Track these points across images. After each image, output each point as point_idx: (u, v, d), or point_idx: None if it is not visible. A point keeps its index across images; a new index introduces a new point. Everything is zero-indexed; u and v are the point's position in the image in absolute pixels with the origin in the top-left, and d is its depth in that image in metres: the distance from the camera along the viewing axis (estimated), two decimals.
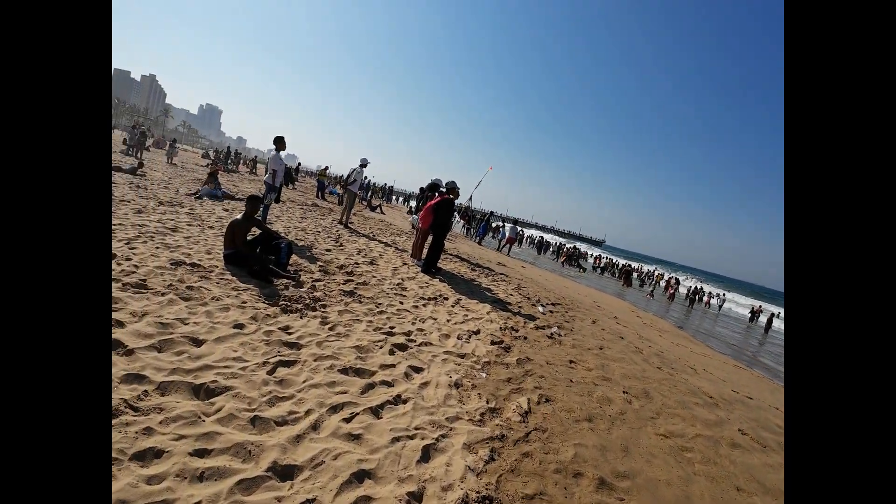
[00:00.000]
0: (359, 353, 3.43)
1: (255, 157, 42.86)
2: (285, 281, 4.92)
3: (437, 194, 7.60)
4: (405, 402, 2.84)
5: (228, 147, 32.97)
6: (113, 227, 5.70)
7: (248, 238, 5.48)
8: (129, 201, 7.81)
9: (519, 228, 24.34)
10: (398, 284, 6.03)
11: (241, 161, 39.03)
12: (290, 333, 3.54)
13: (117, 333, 2.87)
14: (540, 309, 6.75)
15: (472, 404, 3.02)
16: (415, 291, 5.87)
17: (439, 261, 8.13)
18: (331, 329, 3.81)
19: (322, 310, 4.26)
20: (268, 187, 8.31)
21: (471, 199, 22.71)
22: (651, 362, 5.63)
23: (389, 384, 3.03)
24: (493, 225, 25.48)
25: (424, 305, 5.32)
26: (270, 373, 2.86)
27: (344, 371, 3.07)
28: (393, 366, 3.33)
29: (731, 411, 4.63)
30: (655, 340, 7.57)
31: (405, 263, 7.77)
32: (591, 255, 37.96)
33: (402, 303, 5.18)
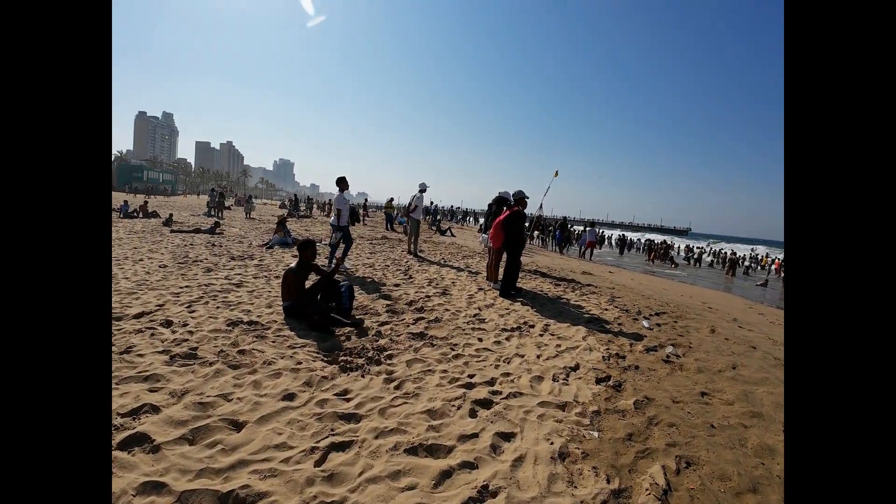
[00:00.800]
0: (431, 419, 2.75)
1: (329, 200, 44.66)
2: (348, 330, 4.39)
3: (504, 208, 6.85)
4: (495, 494, 2.09)
5: (295, 194, 34.44)
6: (179, 289, 5.56)
7: (308, 286, 5.07)
8: (201, 261, 7.85)
9: (598, 230, 22.73)
10: (475, 316, 5.32)
11: (315, 205, 40.71)
12: (348, 400, 2.94)
13: (146, 424, 2.42)
14: (644, 324, 5.71)
15: (587, 487, 2.20)
16: (494, 322, 5.12)
17: (518, 280, 7.33)
18: (397, 388, 3.17)
19: (388, 362, 3.65)
20: (333, 228, 8.06)
21: (541, 207, 21.69)
22: None
23: (472, 466, 2.30)
24: (573, 230, 24.16)
25: (508, 339, 4.55)
26: (319, 463, 2.25)
27: (412, 451, 2.39)
28: (476, 435, 2.59)
29: None
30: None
31: (481, 289, 7.05)
32: (679, 247, 34.69)
33: (480, 339, 4.45)
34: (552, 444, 2.56)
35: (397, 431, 2.58)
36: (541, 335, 4.78)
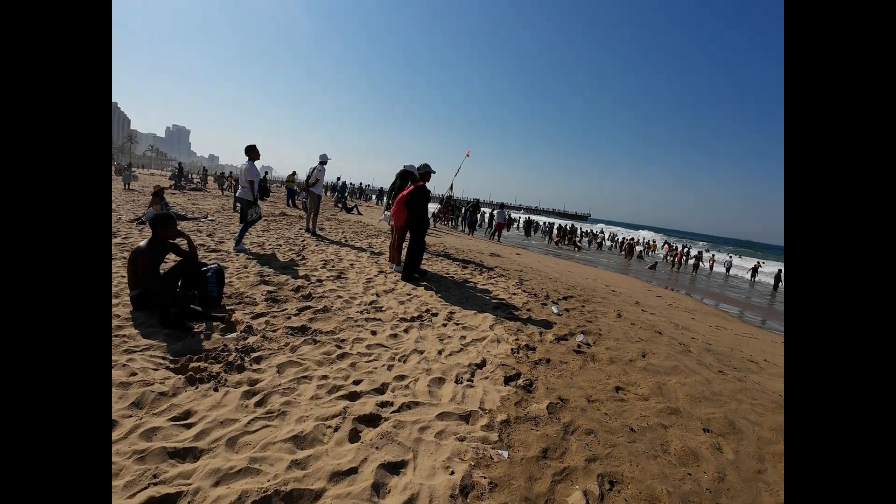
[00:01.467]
0: (297, 449, 2.09)
1: (226, 172, 40.86)
2: (216, 324, 3.54)
3: (409, 183, 6.20)
4: None
5: (180, 163, 30.75)
6: None
7: (164, 270, 4.09)
8: None
9: (507, 212, 22.93)
10: (371, 304, 4.66)
11: (210, 177, 37.00)
12: (187, 426, 2.19)
13: None
14: (554, 310, 5.44)
15: None
16: (393, 311, 4.51)
17: (423, 262, 6.78)
18: (259, 404, 2.45)
19: (253, 367, 2.89)
20: (245, 203, 6.91)
21: (451, 187, 21.42)
22: (707, 364, 4.36)
23: None
24: (483, 212, 24.18)
25: (406, 331, 3.97)
26: None
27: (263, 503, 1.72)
28: (354, 470, 1.97)
29: None
30: (692, 326, 6.31)
31: (381, 272, 6.38)
32: (581, 230, 36.53)
33: (374, 333, 3.82)
34: (452, 473, 2.02)
35: (247, 473, 1.89)
36: (444, 325, 4.26)
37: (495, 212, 21.18)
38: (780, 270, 22.15)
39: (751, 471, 2.54)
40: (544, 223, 37.75)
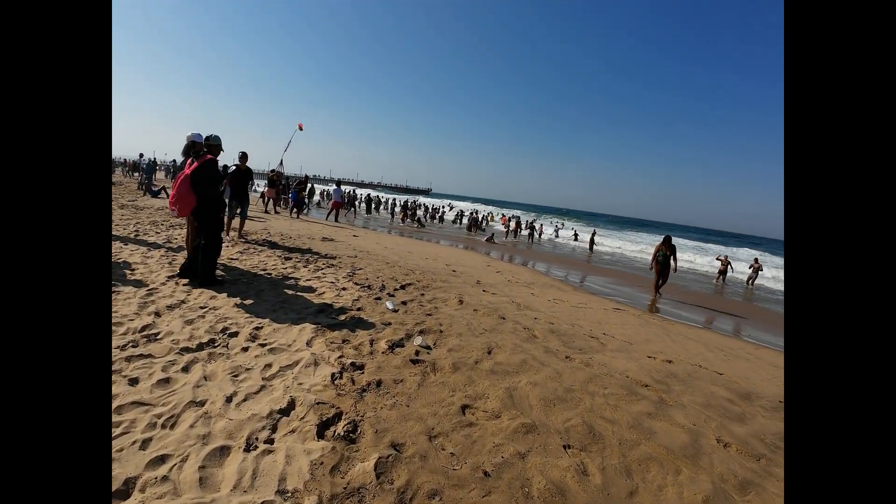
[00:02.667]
0: None
1: None
2: None
3: (194, 160, 4.74)
4: None
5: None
6: None
7: None
8: None
9: (345, 189, 21.61)
10: (143, 330, 3.32)
11: None
12: None
13: None
14: (389, 305, 4.70)
15: None
16: (174, 337, 3.27)
17: (240, 255, 5.47)
18: None
19: None
20: None
21: (281, 163, 19.34)
22: (554, 350, 4.08)
23: None
24: (318, 191, 22.36)
25: (187, 369, 2.83)
26: None
27: None
28: None
29: (676, 397, 3.27)
30: (533, 304, 6.18)
31: (172, 276, 4.90)
32: (423, 206, 36.70)
33: (135, 381, 2.61)
34: None
35: None
36: (245, 349, 3.22)
37: (333, 189, 19.78)
38: (594, 231, 25.04)
39: (623, 495, 2.13)
40: (385, 199, 37.19)
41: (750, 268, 17.18)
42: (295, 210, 16.64)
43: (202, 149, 4.90)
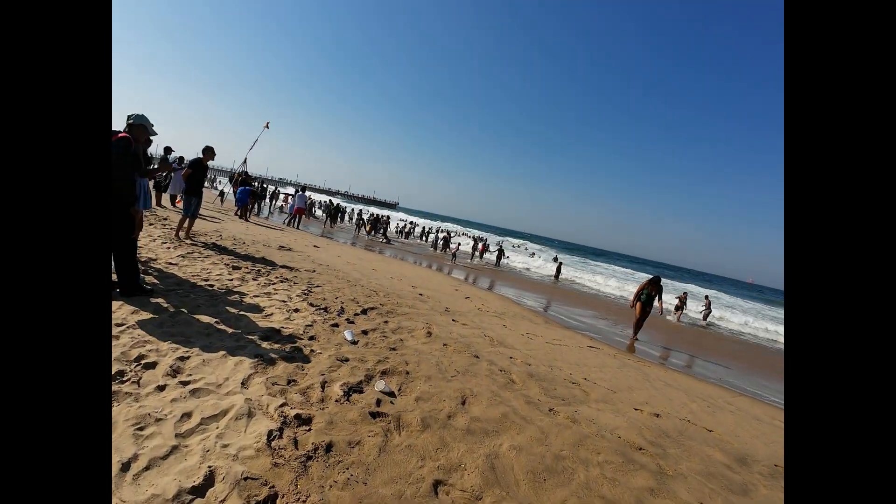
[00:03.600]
0: None
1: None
2: None
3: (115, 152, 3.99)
4: None
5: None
6: None
7: None
8: None
9: (309, 195, 20.70)
10: None
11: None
12: None
13: None
14: (347, 336, 4.07)
15: None
16: None
17: (180, 258, 4.70)
18: None
19: None
20: None
21: (245, 162, 18.37)
22: (535, 401, 3.57)
23: None
24: (281, 194, 21.29)
25: None
26: None
27: None
28: None
29: (674, 464, 2.81)
30: (507, 339, 5.66)
31: None
32: (388, 219, 35.66)
33: None
34: None
35: None
36: (161, 388, 2.54)
37: (296, 194, 18.94)
38: (557, 259, 24.77)
39: None
40: (351, 209, 36.08)
41: (703, 305, 17.50)
42: (238, 212, 15.32)
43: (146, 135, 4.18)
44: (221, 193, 20.77)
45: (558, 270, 23.13)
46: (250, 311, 4.24)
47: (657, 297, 9.36)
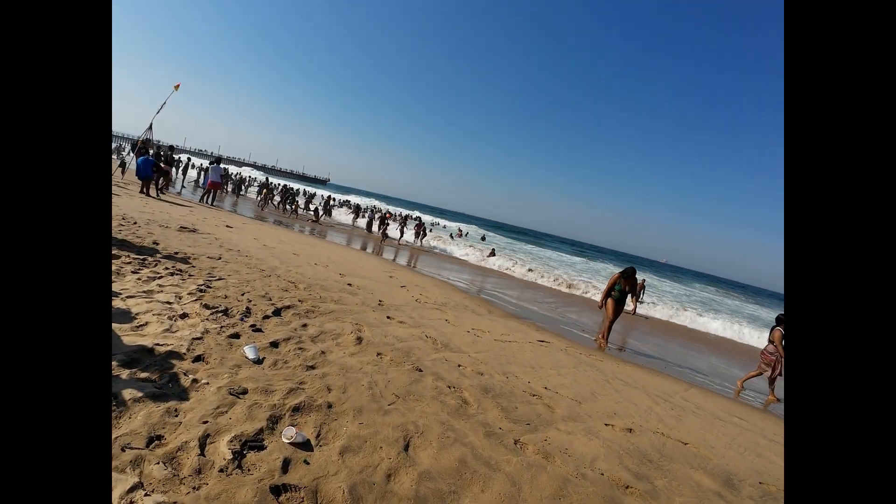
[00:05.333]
0: None
1: None
2: None
3: None
4: None
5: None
6: None
7: None
8: None
9: (224, 167, 18.56)
10: None
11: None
12: None
13: None
14: (249, 354, 3.09)
15: None
16: None
17: None
18: None
19: None
20: None
21: (150, 128, 16.04)
22: (498, 432, 2.86)
23: None
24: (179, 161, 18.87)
25: None
26: None
27: None
28: None
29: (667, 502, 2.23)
30: (452, 340, 4.90)
31: None
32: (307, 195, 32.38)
33: None
34: None
35: None
36: None
37: (210, 167, 16.95)
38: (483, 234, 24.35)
39: None
40: (265, 179, 32.07)
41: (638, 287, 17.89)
42: (142, 187, 13.10)
43: None
44: (122, 164, 18.23)
45: (492, 253, 22.74)
46: (116, 320, 3.14)
47: (631, 294, 8.12)
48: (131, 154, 17.68)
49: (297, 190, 27.93)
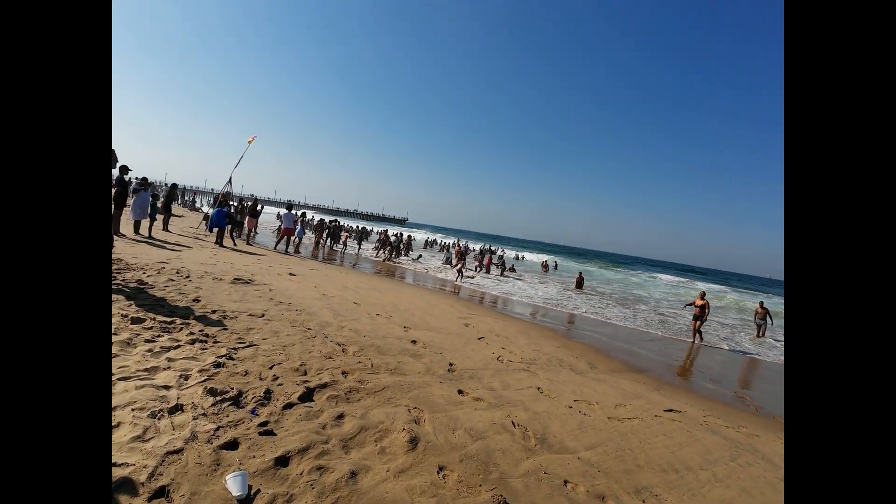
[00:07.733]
0: None
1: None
2: None
3: None
4: None
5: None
6: None
7: None
8: None
9: (297, 213, 18.58)
10: None
11: None
12: None
13: None
14: (234, 489, 2.01)
15: None
16: None
17: None
18: None
19: None
20: None
21: (230, 181, 16.66)
22: None
23: None
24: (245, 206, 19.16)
25: None
26: None
27: None
28: None
29: None
30: (551, 427, 3.57)
31: None
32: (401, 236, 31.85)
33: None
34: None
35: None
36: None
37: (282, 213, 17.12)
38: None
39: None
40: (356, 227, 32.11)
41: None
42: (214, 234, 13.32)
43: None
44: (206, 217, 18.97)
45: (580, 280, 20.82)
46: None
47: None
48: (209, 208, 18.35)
49: (402, 235, 26.13)
